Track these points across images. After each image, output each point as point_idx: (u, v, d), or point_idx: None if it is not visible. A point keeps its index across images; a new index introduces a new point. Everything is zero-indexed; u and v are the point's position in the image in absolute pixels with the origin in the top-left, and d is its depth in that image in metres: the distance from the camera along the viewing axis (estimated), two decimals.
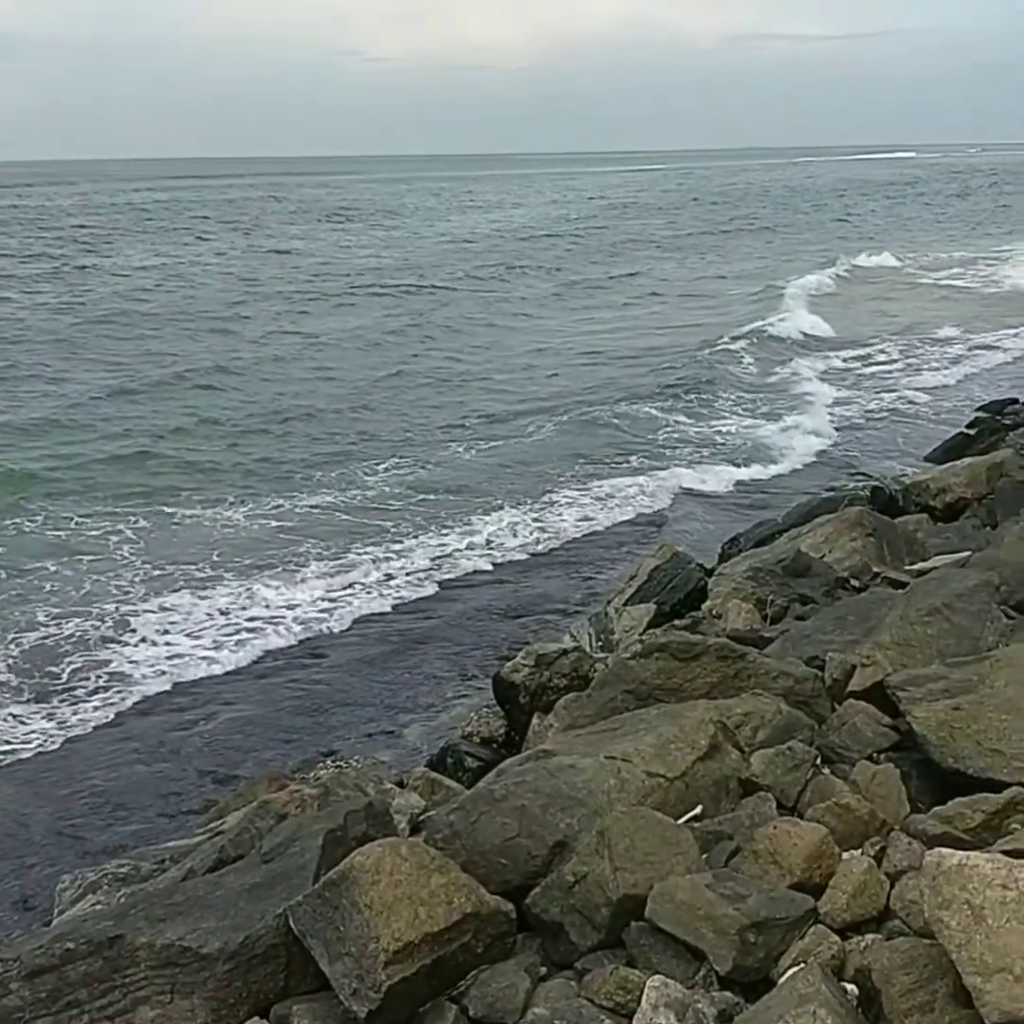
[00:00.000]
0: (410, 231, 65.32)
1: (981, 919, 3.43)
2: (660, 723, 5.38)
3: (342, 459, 18.19)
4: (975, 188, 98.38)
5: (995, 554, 7.59)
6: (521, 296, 37.67)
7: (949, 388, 22.68)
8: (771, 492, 16.27)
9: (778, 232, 61.36)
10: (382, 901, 4.12)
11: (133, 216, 77.98)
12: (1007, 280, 37.86)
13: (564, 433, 19.82)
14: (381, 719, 9.88)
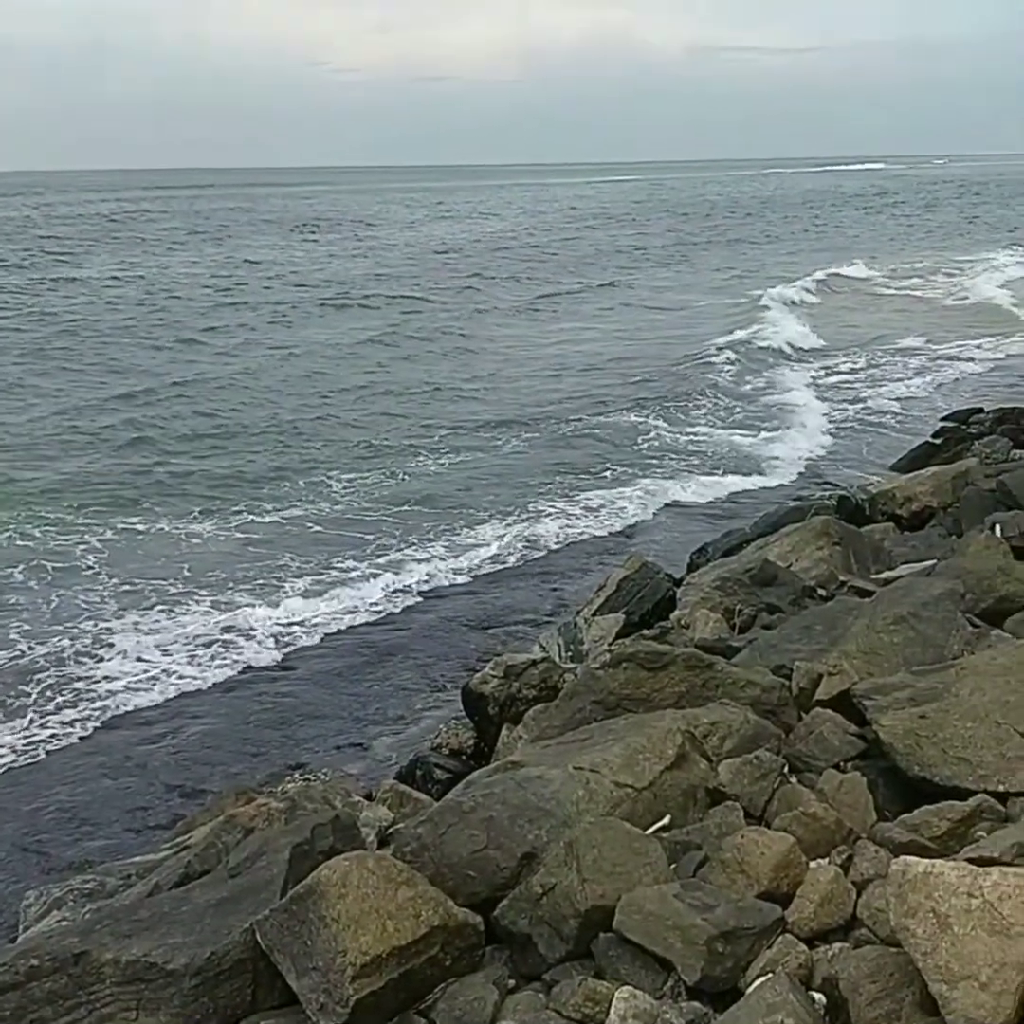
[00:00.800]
0: (382, 241, 65.21)
1: (947, 927, 3.45)
2: (628, 733, 5.38)
3: (311, 470, 18.13)
4: (943, 200, 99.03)
5: (960, 563, 7.63)
6: (494, 307, 37.64)
7: (914, 398, 22.84)
8: (740, 502, 16.32)
9: (750, 243, 61.56)
10: (349, 915, 4.10)
11: (101, 227, 77.59)
12: (972, 291, 38.17)
13: (536, 444, 19.84)
14: (350, 732, 9.84)
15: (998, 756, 4.87)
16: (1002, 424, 16.83)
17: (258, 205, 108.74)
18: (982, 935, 3.41)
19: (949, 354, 27.10)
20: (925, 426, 19.66)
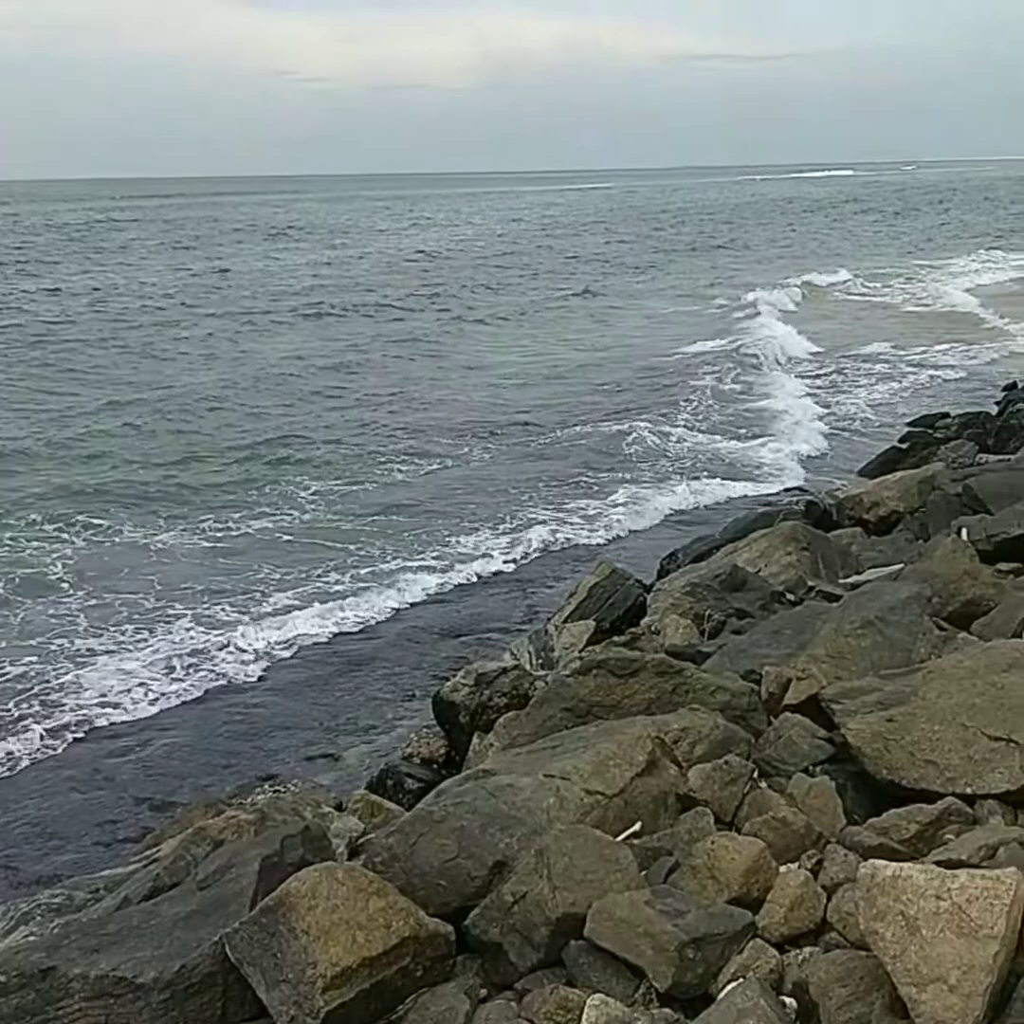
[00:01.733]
0: (353, 250, 65.15)
1: (915, 930, 3.47)
2: (598, 740, 5.39)
3: (280, 480, 18.05)
4: (914, 206, 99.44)
5: (927, 567, 7.68)
6: (466, 315, 37.56)
7: (882, 403, 22.98)
8: (711, 508, 16.36)
9: (725, 250, 61.66)
10: (319, 926, 4.09)
11: (68, 236, 77.14)
12: (940, 297, 38.40)
13: (509, 453, 19.83)
14: (321, 742, 9.81)
15: (965, 759, 4.90)
16: (968, 429, 16.98)
17: (227, 214, 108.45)
18: (950, 937, 3.42)
19: (916, 359, 27.28)
20: (892, 431, 19.79)
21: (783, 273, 46.46)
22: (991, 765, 4.85)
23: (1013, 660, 5.27)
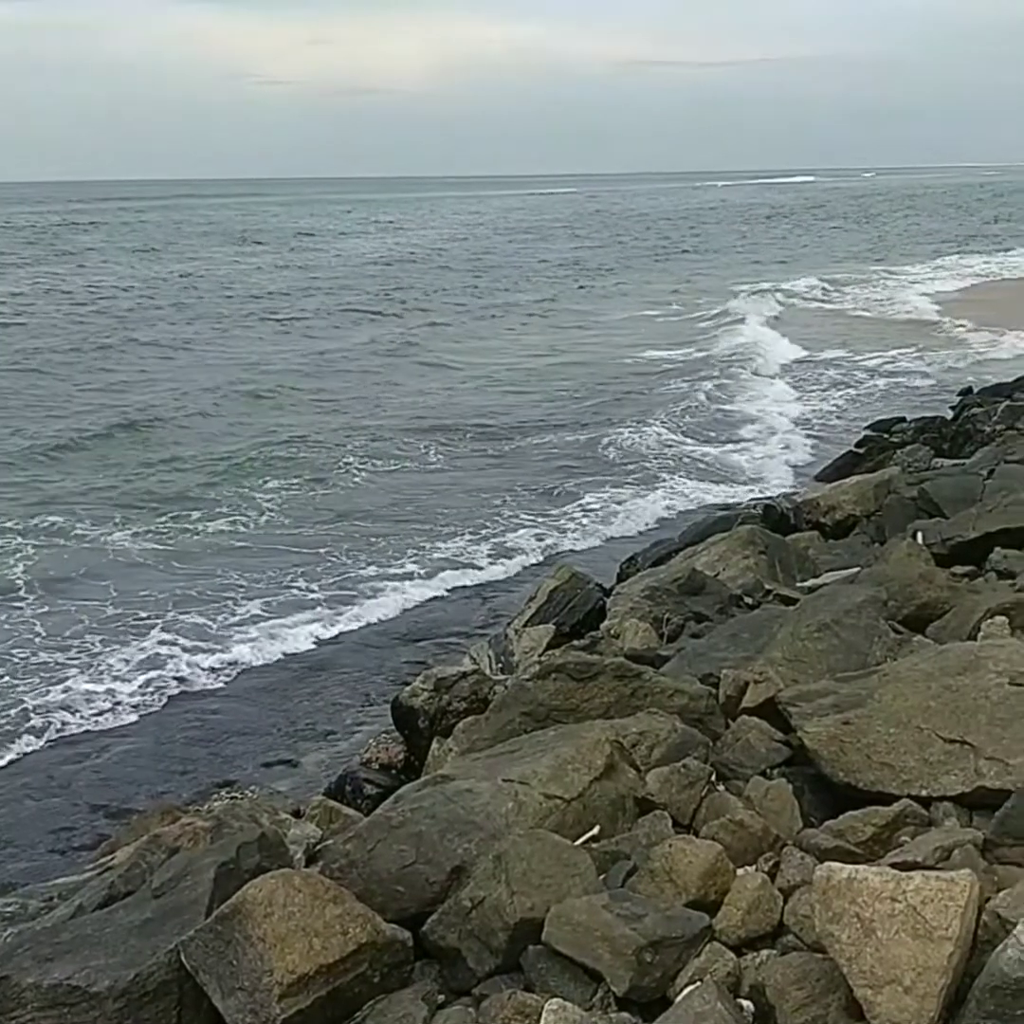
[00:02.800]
0: (315, 254, 64.97)
1: (871, 932, 3.48)
2: (557, 744, 5.38)
3: (242, 484, 17.96)
4: (877, 212, 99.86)
5: (883, 570, 7.74)
6: (437, 319, 37.50)
7: (839, 408, 23.14)
8: (672, 512, 16.40)
9: (697, 255, 61.81)
10: (275, 934, 4.06)
11: (27, 240, 76.41)
12: (900, 303, 38.63)
13: (471, 457, 19.84)
14: (279, 748, 9.75)
15: (921, 761, 4.94)
16: (924, 433, 17.14)
17: (189, 217, 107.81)
18: (905, 939, 3.45)
19: (872, 364, 27.49)
20: (850, 435, 19.93)
21: (753, 279, 46.69)
22: (946, 767, 4.89)
23: (967, 663, 5.31)
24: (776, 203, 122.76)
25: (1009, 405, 16.39)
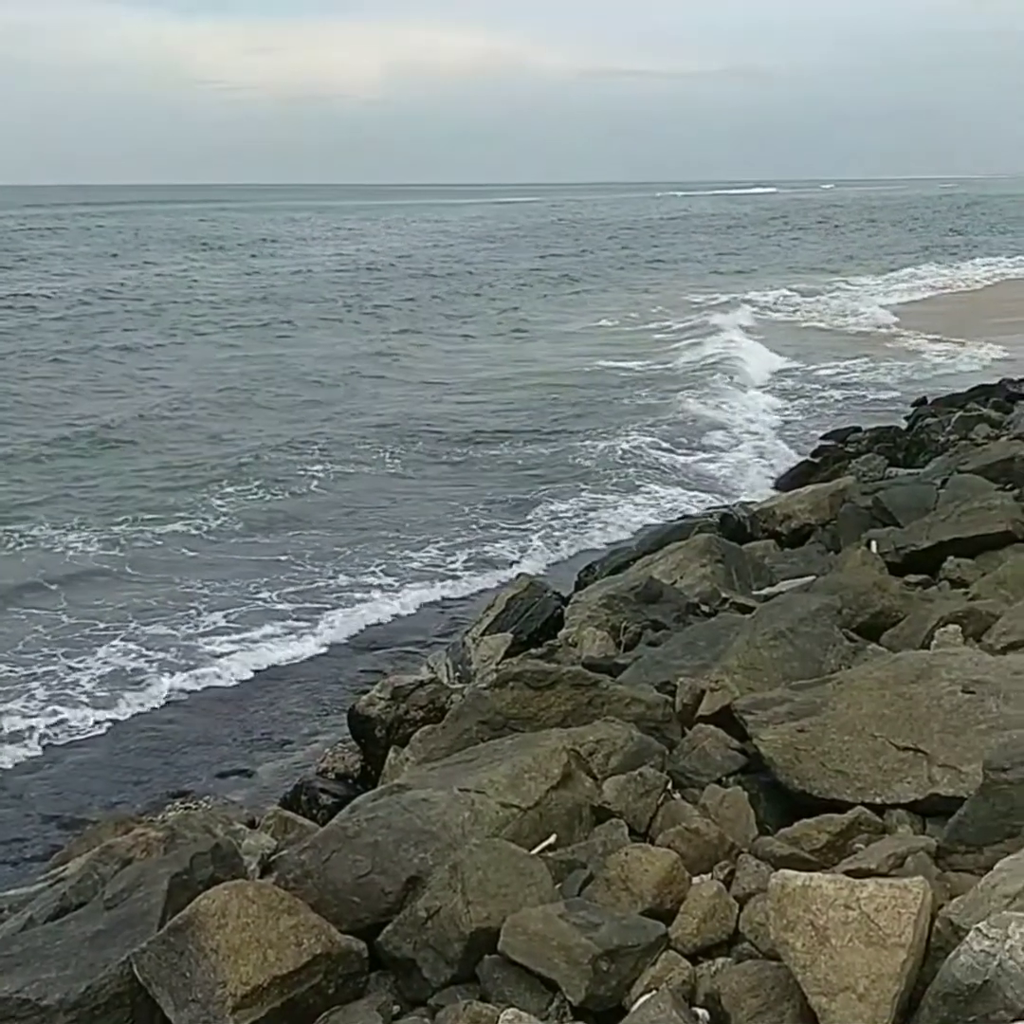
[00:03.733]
0: (276, 261, 64.70)
1: (825, 939, 3.50)
2: (514, 753, 5.38)
3: (197, 491, 17.83)
4: (839, 224, 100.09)
5: (837, 578, 7.80)
6: (394, 329, 37.36)
7: (795, 417, 23.29)
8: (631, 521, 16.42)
9: (661, 264, 61.93)
10: (229, 945, 4.03)
11: None
12: (858, 315, 38.83)
13: (426, 467, 19.79)
14: (234, 758, 9.67)
15: (874, 768, 4.97)
16: (878, 443, 17.28)
17: (148, 223, 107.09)
18: (859, 947, 3.46)
19: (829, 374, 27.69)
20: (805, 445, 20.06)
21: (714, 289, 46.92)
22: (900, 775, 4.93)
23: (921, 671, 5.36)
24: (737, 214, 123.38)
25: (962, 415, 16.57)
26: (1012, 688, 5.15)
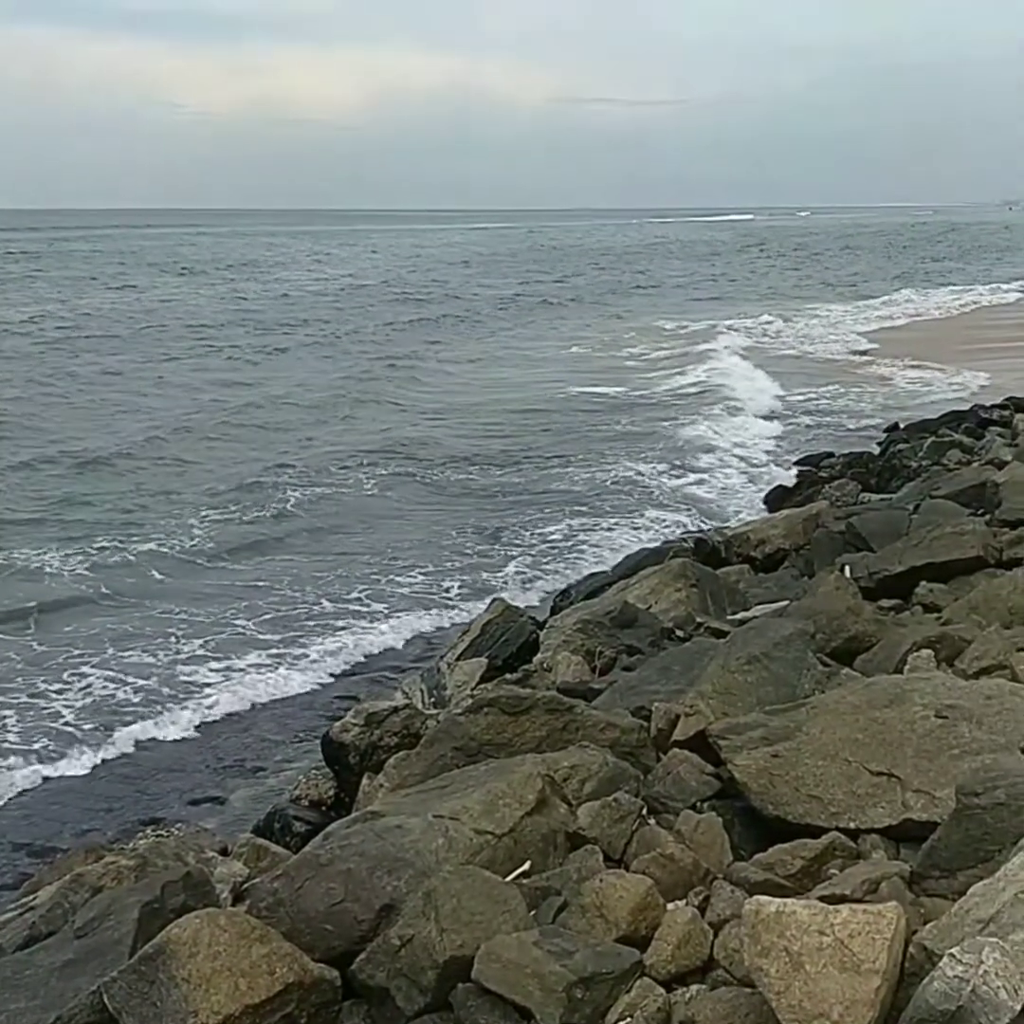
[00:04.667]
0: (253, 285, 64.74)
1: (799, 966, 3.49)
2: (489, 779, 5.36)
3: (168, 511, 17.79)
4: (817, 251, 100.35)
5: (811, 603, 7.81)
6: (375, 354, 37.34)
7: (770, 442, 23.37)
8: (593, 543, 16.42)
9: (649, 291, 62.02)
10: (200, 974, 4.00)
11: None
12: (833, 341, 39.01)
13: (395, 487, 19.78)
14: (207, 785, 9.59)
15: (849, 793, 4.98)
16: (851, 468, 17.37)
17: (124, 247, 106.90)
18: (833, 973, 3.45)
19: (802, 400, 27.81)
20: (779, 470, 20.14)
21: (693, 315, 47.15)
22: (873, 800, 4.93)
23: (894, 696, 5.38)
24: (714, 240, 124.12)
25: (934, 441, 16.68)
26: (984, 713, 5.17)
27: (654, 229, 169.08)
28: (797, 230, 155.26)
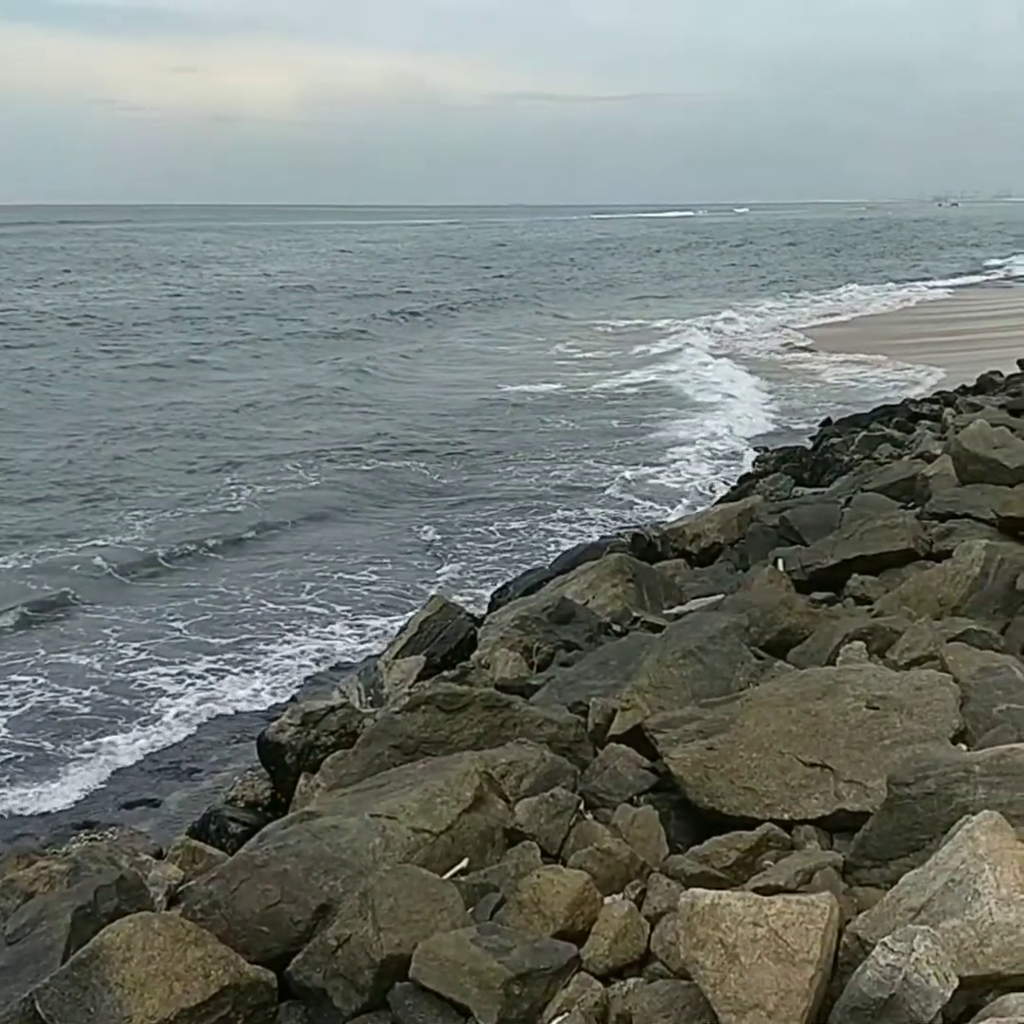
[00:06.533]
0: (177, 280, 64.06)
1: (734, 958, 3.51)
2: (426, 777, 5.35)
3: (104, 511, 17.58)
4: (763, 248, 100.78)
5: (745, 597, 7.86)
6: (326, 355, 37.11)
7: (703, 439, 23.54)
8: (537, 539, 16.47)
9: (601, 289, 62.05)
10: (135, 978, 3.96)
11: None
12: (766, 338, 39.34)
13: (333, 486, 19.68)
14: (141, 787, 9.48)
15: (782, 785, 5.02)
16: (785, 463, 17.52)
17: (60, 244, 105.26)
18: (768, 963, 3.48)
19: (737, 395, 28.03)
20: (727, 468, 20.31)
21: (632, 312, 47.28)
22: (807, 791, 4.98)
23: (826, 687, 5.43)
24: (658, 237, 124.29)
25: (866, 435, 16.84)
26: (915, 703, 5.24)
27: (597, 225, 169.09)
28: (738, 226, 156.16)
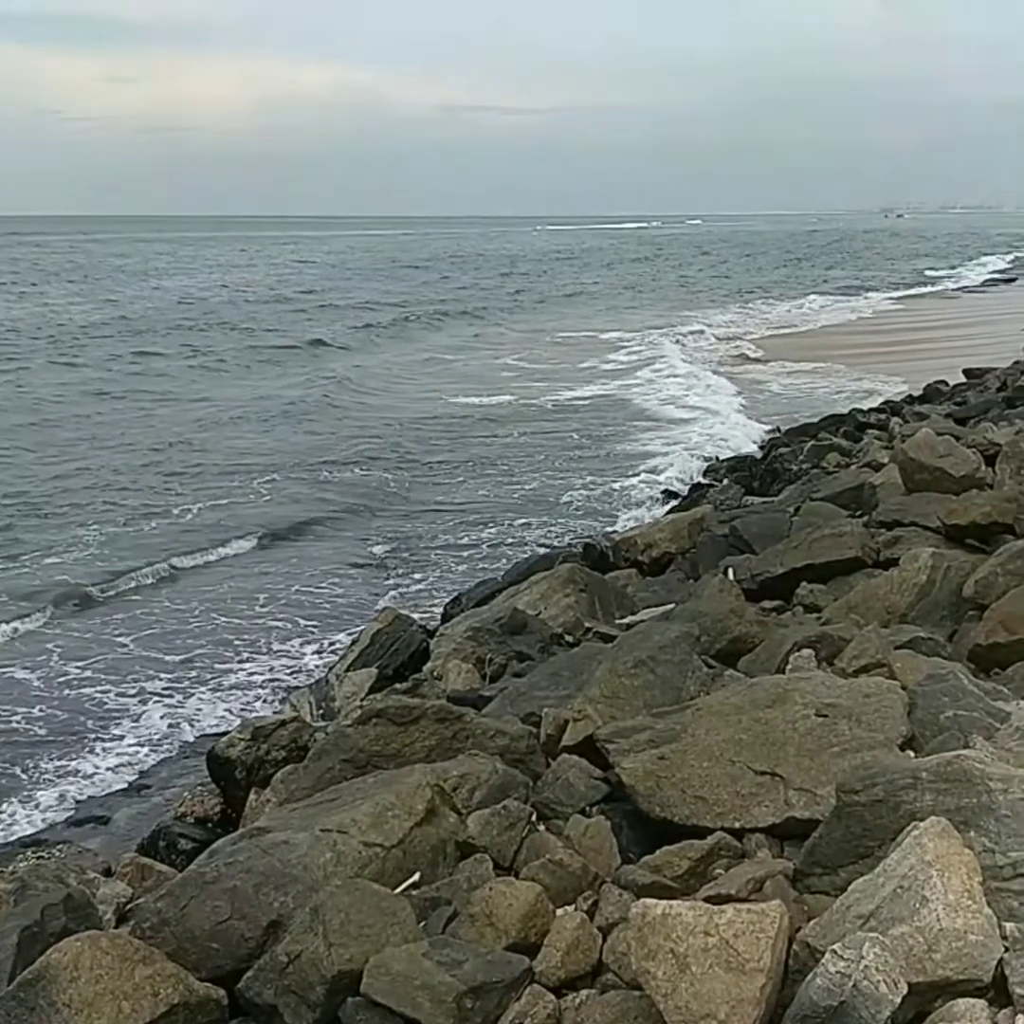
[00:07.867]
0: (121, 292, 63.48)
1: (686, 967, 3.53)
2: (377, 791, 5.33)
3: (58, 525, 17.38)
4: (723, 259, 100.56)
5: (696, 606, 7.91)
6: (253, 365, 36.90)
7: (655, 449, 23.62)
8: (496, 549, 16.45)
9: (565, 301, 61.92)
10: (82, 998, 3.92)
11: None
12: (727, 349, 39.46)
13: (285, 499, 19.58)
14: (90, 804, 9.36)
15: (733, 794, 5.04)
16: (735, 472, 17.65)
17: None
18: (719, 973, 3.50)
19: (690, 405, 28.14)
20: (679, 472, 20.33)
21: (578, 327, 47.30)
22: (757, 799, 5.01)
23: (776, 696, 5.46)
24: (613, 248, 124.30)
25: (814, 444, 16.99)
26: (863, 710, 5.28)
27: (551, 237, 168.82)
28: (693, 238, 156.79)
